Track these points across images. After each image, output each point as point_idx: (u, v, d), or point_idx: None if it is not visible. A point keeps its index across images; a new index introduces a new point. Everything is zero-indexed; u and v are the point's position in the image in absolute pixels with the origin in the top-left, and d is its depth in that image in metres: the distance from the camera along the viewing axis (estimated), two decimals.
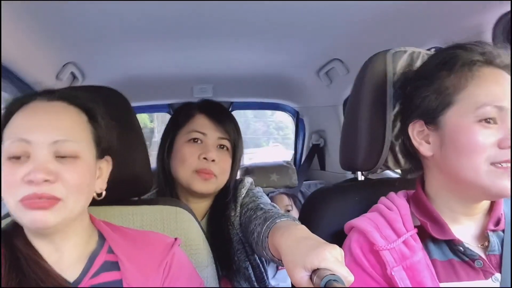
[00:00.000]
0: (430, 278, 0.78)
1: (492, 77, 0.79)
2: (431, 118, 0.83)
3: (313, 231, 0.74)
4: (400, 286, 0.78)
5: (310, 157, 2.54)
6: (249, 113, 7.53)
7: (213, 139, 1.28)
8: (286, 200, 2.11)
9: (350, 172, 1.15)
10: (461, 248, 0.81)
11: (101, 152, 0.84)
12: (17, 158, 0.73)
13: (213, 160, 1.25)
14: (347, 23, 1.50)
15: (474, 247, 0.83)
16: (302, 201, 2.15)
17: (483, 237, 0.84)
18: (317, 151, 2.53)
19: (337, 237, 0.91)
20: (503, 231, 0.84)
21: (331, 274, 0.59)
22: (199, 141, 1.28)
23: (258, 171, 2.35)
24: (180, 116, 1.33)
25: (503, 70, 0.81)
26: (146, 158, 1.04)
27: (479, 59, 0.81)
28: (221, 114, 1.32)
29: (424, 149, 0.86)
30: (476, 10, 1.18)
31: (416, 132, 0.87)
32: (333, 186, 1.11)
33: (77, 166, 0.76)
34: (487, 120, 0.77)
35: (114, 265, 0.82)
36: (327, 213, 1.00)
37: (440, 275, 0.80)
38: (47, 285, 0.74)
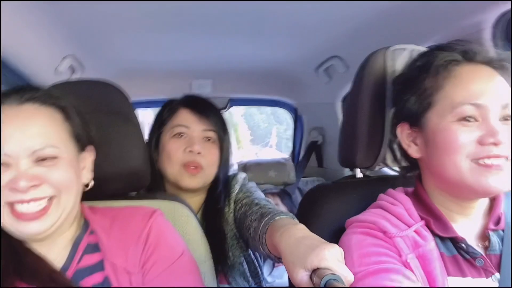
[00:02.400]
0: (440, 269, 0.77)
1: (471, 75, 0.78)
2: (415, 120, 0.83)
3: (311, 229, 0.73)
4: (415, 274, 0.76)
5: (308, 154, 2.53)
6: None
7: (198, 131, 1.27)
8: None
9: (348, 169, 1.14)
10: (463, 245, 0.80)
11: (82, 146, 0.83)
12: None
13: (199, 153, 1.24)
14: (346, 20, 1.49)
15: (475, 246, 0.82)
16: (300, 198, 2.15)
17: (483, 237, 0.83)
18: (315, 148, 2.53)
19: (336, 235, 0.90)
20: (503, 230, 0.83)
21: (331, 273, 0.59)
22: (184, 135, 1.27)
23: (255, 168, 2.35)
24: (164, 112, 1.33)
25: (486, 66, 0.80)
26: (144, 152, 1.03)
27: (455, 58, 0.80)
28: (204, 107, 1.31)
29: (413, 151, 0.86)
30: (476, 8, 1.18)
31: (405, 134, 0.87)
32: (331, 183, 1.11)
33: (60, 166, 0.75)
34: (466, 119, 0.76)
35: (95, 247, 0.82)
36: (325, 211, 1.00)
37: (448, 268, 0.79)
38: (41, 273, 0.74)
